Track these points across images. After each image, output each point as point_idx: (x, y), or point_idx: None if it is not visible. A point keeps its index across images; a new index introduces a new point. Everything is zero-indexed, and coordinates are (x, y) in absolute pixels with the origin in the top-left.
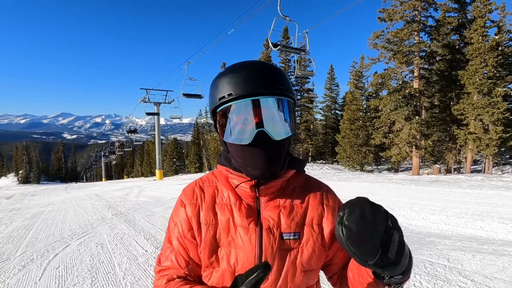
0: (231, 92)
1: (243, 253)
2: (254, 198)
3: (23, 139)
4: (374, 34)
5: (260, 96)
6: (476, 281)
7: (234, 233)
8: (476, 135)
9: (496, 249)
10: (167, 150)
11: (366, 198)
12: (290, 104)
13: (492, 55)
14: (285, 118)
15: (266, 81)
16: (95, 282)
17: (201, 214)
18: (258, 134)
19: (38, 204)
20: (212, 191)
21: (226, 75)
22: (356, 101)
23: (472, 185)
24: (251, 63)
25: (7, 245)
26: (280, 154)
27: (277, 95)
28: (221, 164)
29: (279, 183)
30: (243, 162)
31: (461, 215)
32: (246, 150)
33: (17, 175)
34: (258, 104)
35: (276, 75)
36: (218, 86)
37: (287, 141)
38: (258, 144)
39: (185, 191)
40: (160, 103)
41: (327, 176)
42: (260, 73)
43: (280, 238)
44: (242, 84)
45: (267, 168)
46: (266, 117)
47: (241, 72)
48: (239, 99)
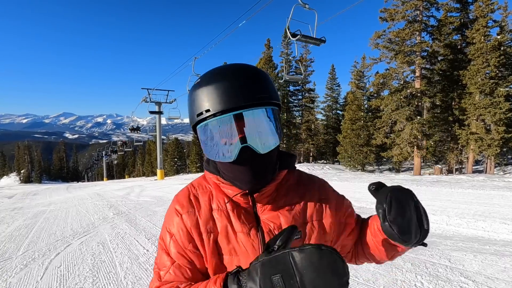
0: (209, 108)
1: (246, 260)
2: (251, 204)
3: (25, 138)
4: (375, 34)
5: (242, 109)
6: (478, 282)
7: (234, 241)
8: (478, 135)
9: (498, 249)
10: (168, 149)
11: (394, 186)
12: (275, 112)
13: (494, 55)
14: (270, 129)
15: (247, 91)
16: (96, 281)
17: (200, 223)
18: (243, 149)
19: (40, 203)
20: (207, 197)
21: (201, 87)
22: (358, 101)
23: (473, 186)
24: (229, 70)
25: (9, 244)
26: (268, 166)
27: (260, 106)
28: (210, 171)
29: (273, 187)
30: (232, 177)
31: (463, 215)
32: (233, 166)
33: (19, 175)
34: (241, 118)
35: (257, 81)
36: (195, 100)
37: (275, 150)
38: (244, 159)
39: (179, 199)
40: (161, 102)
41: (328, 176)
42: (239, 83)
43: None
44: (220, 98)
45: (257, 181)
46: (250, 131)
47: (218, 82)
48: (218, 115)
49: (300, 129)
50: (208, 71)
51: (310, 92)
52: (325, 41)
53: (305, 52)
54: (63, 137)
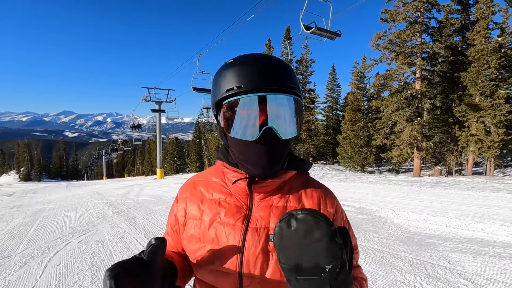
0: (241, 85)
1: (225, 251)
2: (247, 195)
3: (25, 136)
4: (376, 35)
5: (271, 92)
6: (477, 283)
7: (220, 230)
8: (478, 137)
9: (497, 251)
10: (168, 149)
11: (315, 214)
12: (299, 103)
13: (495, 57)
14: (293, 117)
15: (278, 78)
16: (95, 279)
17: (188, 208)
18: (265, 131)
19: (39, 201)
20: (204, 186)
21: (235, 66)
22: (358, 101)
23: (473, 187)
24: (264, 56)
25: (8, 242)
26: (283, 154)
27: (288, 93)
28: (219, 158)
29: (275, 183)
30: (244, 159)
31: (462, 217)
32: (250, 146)
33: (19, 173)
34: (270, 101)
35: (287, 72)
36: (227, 76)
37: (290, 141)
38: (264, 141)
39: (182, 186)
40: (161, 102)
41: (328, 177)
42: (272, 68)
43: (266, 239)
44: (253, 78)
45: (269, 167)
46: (275, 114)
47: (253, 65)
48: (249, 93)
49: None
50: (240, 55)
51: (310, 93)
52: (340, 35)
53: (306, 53)
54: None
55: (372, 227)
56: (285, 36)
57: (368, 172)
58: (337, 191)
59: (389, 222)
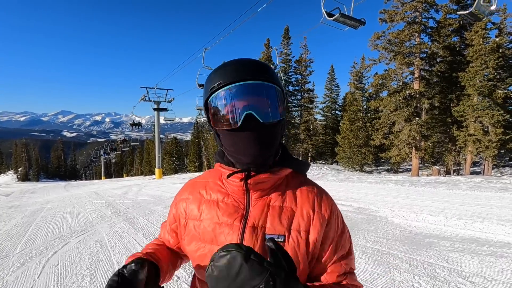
0: (220, 82)
1: None
2: (244, 194)
3: (23, 136)
4: (375, 35)
5: (248, 81)
6: (475, 283)
7: (218, 230)
8: (476, 137)
9: (495, 250)
10: (167, 149)
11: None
12: (277, 91)
13: (493, 57)
14: (271, 102)
15: (254, 70)
16: (94, 280)
17: (187, 209)
18: (246, 118)
19: (37, 201)
20: (203, 187)
21: (217, 70)
22: (356, 101)
23: (471, 187)
24: (241, 58)
25: (5, 242)
26: (271, 140)
27: (264, 81)
28: (216, 161)
29: (271, 180)
30: (235, 150)
31: (460, 216)
32: (237, 136)
33: (17, 173)
34: (246, 90)
35: (262, 66)
36: (210, 80)
37: (278, 128)
38: (248, 128)
39: (183, 187)
40: (160, 101)
41: (327, 177)
42: (248, 64)
43: (263, 238)
44: (230, 73)
45: (259, 153)
46: (253, 100)
47: (231, 65)
48: (227, 86)
49: (298, 129)
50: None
51: (309, 93)
52: (365, 23)
53: (305, 53)
54: (61, 135)
55: (371, 227)
56: (284, 36)
57: (366, 172)
58: (336, 191)
59: (387, 221)
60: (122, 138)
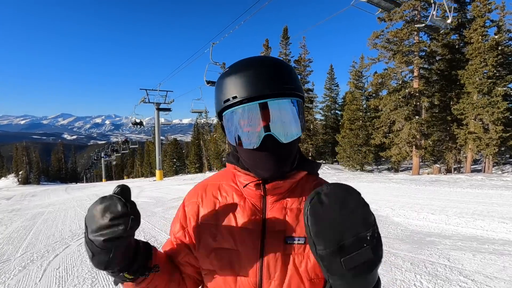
0: (236, 95)
1: (244, 255)
2: (260, 198)
3: (23, 139)
4: (374, 34)
5: (267, 98)
6: (477, 281)
7: (235, 234)
8: (476, 134)
9: (497, 248)
10: (167, 150)
11: (358, 192)
12: (299, 103)
13: (492, 55)
14: (294, 120)
15: (273, 81)
16: (95, 282)
17: (201, 212)
18: (266, 137)
19: (38, 205)
20: (215, 190)
21: (230, 75)
22: (356, 101)
23: (472, 185)
24: (257, 60)
25: (7, 246)
26: (289, 155)
27: (285, 96)
28: (229, 162)
29: (287, 184)
30: (252, 164)
31: (462, 214)
32: (254, 153)
33: (17, 176)
34: (266, 107)
35: (283, 73)
36: (222, 88)
37: (296, 141)
38: (266, 147)
39: (191, 190)
40: (160, 103)
41: (327, 176)
42: (266, 72)
43: (284, 241)
44: (247, 86)
45: (277, 169)
46: (274, 120)
47: (246, 71)
48: (245, 103)
49: (307, 127)
50: (236, 61)
51: (308, 92)
52: (400, 5)
53: (304, 52)
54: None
55: None
56: (282, 36)
57: (367, 171)
58: None
59: (388, 220)
60: (123, 140)
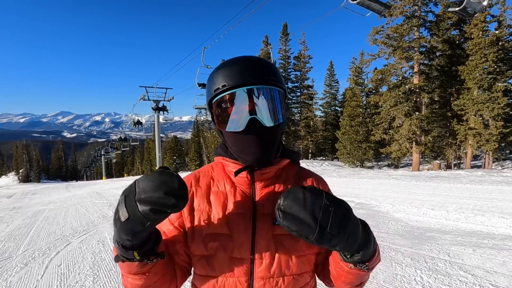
0: (225, 83)
1: (237, 238)
2: (250, 185)
3: (23, 138)
4: (374, 29)
5: (252, 85)
6: (477, 276)
7: (229, 219)
8: (476, 130)
9: (497, 243)
10: (167, 147)
11: (301, 185)
12: (281, 93)
13: (492, 50)
14: (276, 106)
15: (258, 73)
16: (97, 279)
17: (195, 201)
18: (250, 121)
19: (39, 202)
20: (208, 180)
21: (220, 69)
22: (356, 97)
23: (472, 181)
24: (244, 57)
25: (8, 243)
26: (273, 141)
27: (268, 85)
28: (218, 154)
29: (273, 169)
30: (238, 150)
31: (462, 210)
32: (241, 137)
33: (18, 174)
34: (251, 94)
35: (267, 67)
36: (214, 79)
37: (279, 129)
38: (251, 131)
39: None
40: (159, 100)
41: (328, 173)
42: (252, 66)
43: (273, 223)
44: (235, 76)
45: (261, 154)
46: (258, 105)
47: (235, 65)
48: (233, 89)
49: (298, 126)
50: (227, 59)
51: (308, 89)
52: (390, 7)
53: (303, 49)
54: (61, 136)
55: (372, 222)
56: (282, 32)
57: (367, 167)
58: (337, 186)
59: (389, 216)
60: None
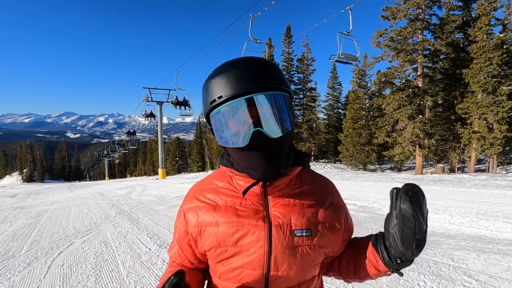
0: (221, 95)
1: (253, 251)
2: (261, 196)
3: (27, 138)
4: (377, 32)
5: (252, 93)
6: (481, 281)
7: (241, 232)
8: (480, 134)
9: (501, 248)
10: (169, 149)
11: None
12: (286, 98)
13: (497, 53)
14: (282, 113)
15: (257, 77)
16: (99, 280)
17: (201, 218)
18: (255, 134)
19: (42, 202)
20: (213, 193)
21: (214, 77)
22: (359, 100)
23: (476, 184)
24: (239, 60)
25: (12, 243)
26: (282, 152)
27: (271, 91)
28: (224, 165)
29: (286, 181)
30: (245, 165)
31: (465, 214)
32: (245, 152)
33: (22, 174)
34: (252, 103)
35: (267, 69)
36: (208, 90)
37: (287, 137)
38: (256, 145)
39: (187, 195)
40: (162, 102)
41: (330, 175)
42: (250, 70)
43: (291, 234)
44: (231, 84)
45: (270, 168)
46: (261, 115)
47: (230, 71)
48: (230, 101)
49: (301, 128)
50: (221, 64)
51: (311, 91)
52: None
53: (307, 51)
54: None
55: (375, 225)
56: (285, 35)
57: (370, 170)
58: (340, 189)
59: None
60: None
